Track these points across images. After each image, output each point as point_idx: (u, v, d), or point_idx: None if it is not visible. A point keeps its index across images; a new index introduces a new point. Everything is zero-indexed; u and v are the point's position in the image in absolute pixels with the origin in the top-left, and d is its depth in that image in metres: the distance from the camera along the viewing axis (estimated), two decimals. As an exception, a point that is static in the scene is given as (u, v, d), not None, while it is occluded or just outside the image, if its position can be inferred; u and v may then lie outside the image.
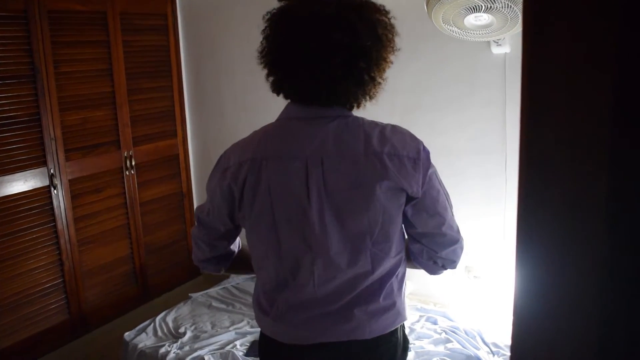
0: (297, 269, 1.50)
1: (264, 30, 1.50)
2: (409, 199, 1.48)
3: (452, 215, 1.58)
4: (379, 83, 1.51)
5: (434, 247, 1.56)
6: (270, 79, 1.53)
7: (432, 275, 1.71)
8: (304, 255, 1.48)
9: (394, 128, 1.53)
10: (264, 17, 1.50)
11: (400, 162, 1.44)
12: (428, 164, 1.51)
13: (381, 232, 1.47)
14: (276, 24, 1.47)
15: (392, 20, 1.50)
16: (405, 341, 1.71)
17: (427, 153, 1.53)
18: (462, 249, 1.64)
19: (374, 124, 1.51)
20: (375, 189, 1.42)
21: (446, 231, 1.54)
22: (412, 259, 1.64)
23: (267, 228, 1.49)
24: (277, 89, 1.53)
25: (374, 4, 1.47)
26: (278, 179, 1.45)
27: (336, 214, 1.44)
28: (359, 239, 1.46)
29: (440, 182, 1.56)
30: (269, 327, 1.60)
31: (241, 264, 1.75)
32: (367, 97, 1.52)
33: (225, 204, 1.53)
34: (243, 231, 1.62)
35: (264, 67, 1.53)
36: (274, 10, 1.48)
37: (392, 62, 1.52)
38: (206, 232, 1.65)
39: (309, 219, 1.45)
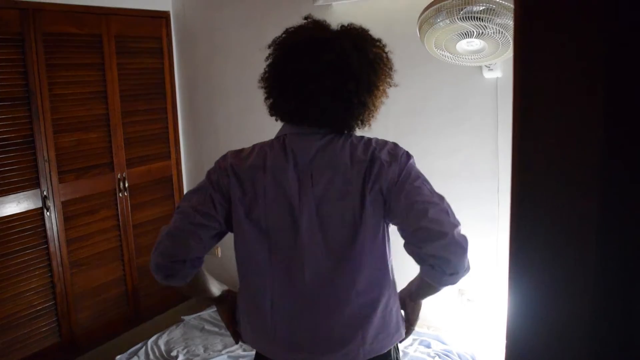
0: (287, 278, 1.52)
1: (267, 57, 1.55)
2: (388, 191, 1.48)
3: (441, 205, 1.54)
4: (371, 109, 1.54)
5: (419, 242, 1.47)
6: (268, 102, 1.58)
7: (450, 285, 1.59)
8: (292, 264, 1.50)
9: (379, 139, 1.57)
10: (269, 45, 1.55)
11: (381, 163, 1.47)
12: (407, 159, 1.53)
13: (364, 243, 1.48)
14: (276, 49, 1.52)
15: (389, 55, 1.57)
16: None
17: (409, 154, 1.55)
18: (457, 245, 1.51)
19: (361, 137, 1.56)
20: (364, 197, 1.45)
21: (427, 224, 1.46)
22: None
23: (258, 235, 1.51)
24: (272, 110, 1.59)
25: (371, 36, 1.53)
26: (272, 188, 1.49)
27: (320, 225, 1.47)
28: (342, 248, 1.48)
29: (421, 174, 1.55)
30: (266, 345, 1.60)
31: (203, 283, 1.69)
32: (359, 123, 1.56)
33: (224, 202, 1.55)
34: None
35: (264, 91, 1.58)
36: (278, 38, 1.54)
37: (386, 94, 1.57)
38: (201, 220, 1.54)
39: (299, 227, 1.47)
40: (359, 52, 1.46)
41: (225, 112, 4.07)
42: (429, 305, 3.36)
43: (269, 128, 3.92)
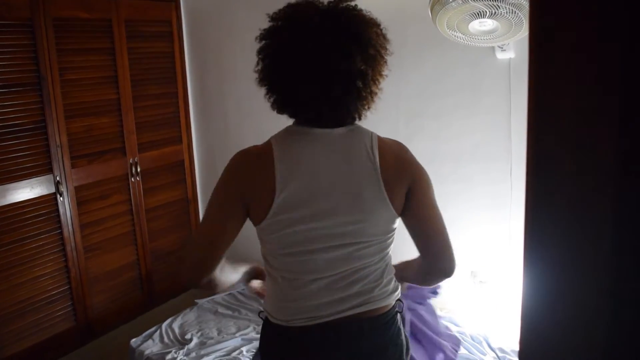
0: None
1: (260, 50, 1.55)
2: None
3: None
4: (376, 93, 1.59)
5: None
6: (271, 99, 1.58)
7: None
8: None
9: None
10: (256, 38, 1.55)
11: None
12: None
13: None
14: (275, 48, 1.52)
15: (385, 32, 1.60)
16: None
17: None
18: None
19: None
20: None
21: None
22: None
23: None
24: (279, 108, 1.59)
25: (364, 17, 1.55)
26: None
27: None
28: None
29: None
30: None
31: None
32: (367, 108, 1.60)
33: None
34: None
35: (263, 86, 1.57)
36: (268, 34, 1.54)
37: (386, 74, 1.59)
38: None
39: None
40: (363, 52, 1.48)
41: (236, 96, 4.06)
42: (442, 288, 3.37)
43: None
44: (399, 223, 1.63)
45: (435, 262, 1.63)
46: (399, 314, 1.67)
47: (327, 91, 1.47)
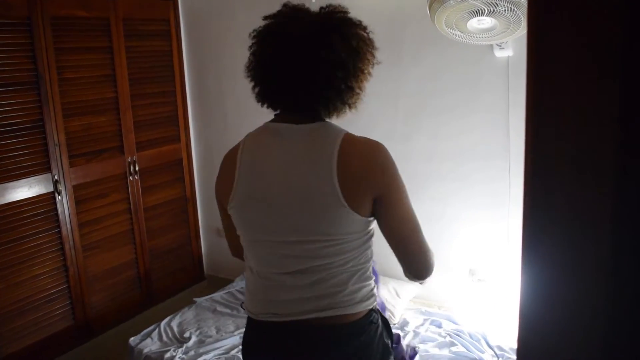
0: None
1: (250, 46, 1.58)
2: None
3: None
4: (357, 93, 1.57)
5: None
6: (256, 90, 1.62)
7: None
8: None
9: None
10: (250, 34, 1.58)
11: None
12: None
13: None
14: (263, 41, 1.56)
15: (371, 35, 1.58)
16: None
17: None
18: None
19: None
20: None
21: None
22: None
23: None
24: (261, 99, 1.64)
25: (351, 20, 1.55)
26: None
27: None
28: None
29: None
30: None
31: None
32: (347, 107, 1.58)
33: None
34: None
35: (251, 80, 1.62)
36: (260, 28, 1.57)
37: (370, 74, 1.59)
38: None
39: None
40: (344, 40, 1.49)
41: (234, 95, 4.06)
42: (440, 286, 3.38)
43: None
44: (375, 226, 1.58)
45: (407, 267, 1.59)
46: (372, 326, 1.60)
47: (306, 79, 1.50)
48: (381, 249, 1.61)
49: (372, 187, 1.49)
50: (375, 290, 1.64)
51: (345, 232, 1.50)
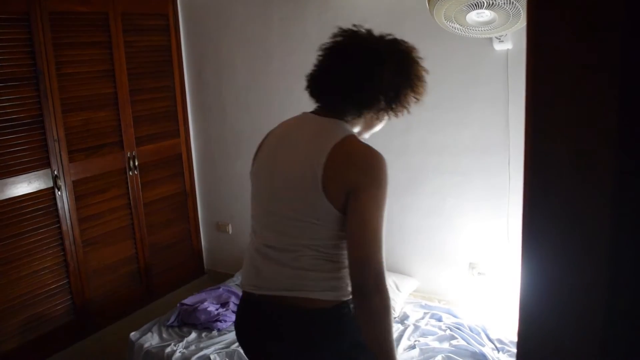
0: None
1: (318, 57, 1.73)
2: None
3: None
4: (390, 116, 1.73)
5: None
6: (308, 89, 1.75)
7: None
8: None
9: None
10: (320, 47, 1.72)
11: None
12: None
13: None
14: (326, 55, 1.70)
15: (426, 77, 1.76)
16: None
17: None
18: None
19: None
20: None
21: None
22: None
23: None
24: (310, 91, 1.75)
25: (413, 58, 1.74)
26: None
27: None
28: None
29: None
30: None
31: None
32: (377, 120, 1.76)
33: None
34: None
35: (308, 86, 1.74)
36: (327, 44, 1.71)
37: (409, 108, 1.74)
38: None
39: None
40: (397, 77, 1.65)
41: (233, 89, 4.05)
42: (440, 279, 3.39)
43: (278, 104, 3.90)
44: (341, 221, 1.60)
45: (350, 272, 1.55)
46: (342, 320, 1.62)
47: (351, 94, 1.64)
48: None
49: (346, 181, 1.55)
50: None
51: (315, 217, 1.58)
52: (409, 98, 1.70)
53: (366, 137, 1.78)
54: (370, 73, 1.63)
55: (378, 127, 1.79)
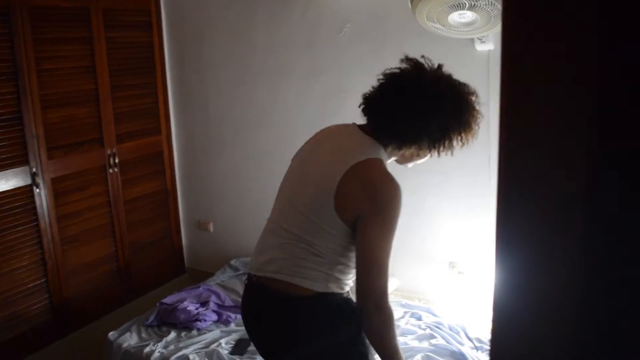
0: None
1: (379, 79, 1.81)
2: None
3: None
4: (431, 153, 1.84)
5: None
6: (362, 106, 1.82)
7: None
8: None
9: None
10: (383, 72, 1.82)
11: None
12: None
13: None
14: (388, 80, 1.79)
15: (478, 124, 1.88)
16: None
17: None
18: None
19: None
20: None
21: None
22: None
23: None
24: (364, 108, 1.82)
25: (472, 105, 1.85)
26: None
27: None
28: None
29: None
30: None
31: None
32: (417, 152, 1.85)
33: None
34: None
35: (363, 104, 1.81)
36: (388, 71, 1.82)
37: (451, 149, 1.83)
38: None
39: None
40: (453, 121, 1.75)
41: (216, 86, 4.03)
42: (421, 278, 3.39)
43: (260, 101, 3.88)
44: (346, 233, 1.71)
45: (355, 292, 1.70)
46: (322, 309, 1.75)
47: (399, 126, 1.73)
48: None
49: (355, 205, 1.65)
50: (343, 287, 1.79)
51: (322, 221, 1.69)
52: (454, 142, 1.78)
53: (409, 166, 1.94)
54: (421, 118, 1.70)
55: (419, 162, 1.90)
